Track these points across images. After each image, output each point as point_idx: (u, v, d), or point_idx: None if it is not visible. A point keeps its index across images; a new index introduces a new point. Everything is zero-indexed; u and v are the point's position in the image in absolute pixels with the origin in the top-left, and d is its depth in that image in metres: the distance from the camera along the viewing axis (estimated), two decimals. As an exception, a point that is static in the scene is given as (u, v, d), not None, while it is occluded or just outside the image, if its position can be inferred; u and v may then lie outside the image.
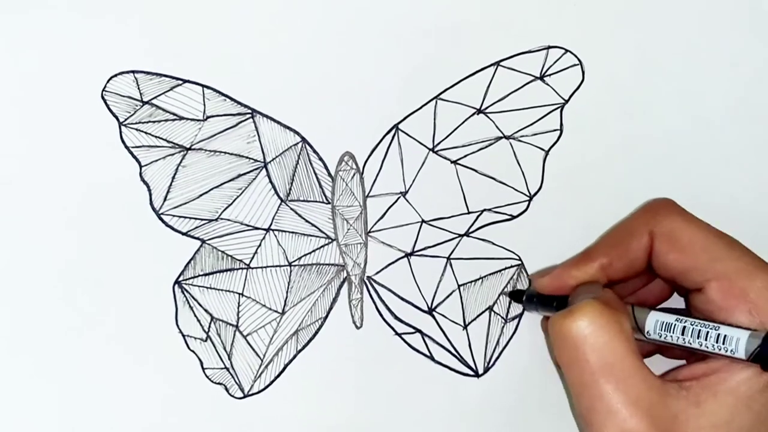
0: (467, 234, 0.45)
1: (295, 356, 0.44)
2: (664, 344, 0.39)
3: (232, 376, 0.44)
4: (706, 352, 0.38)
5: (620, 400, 0.36)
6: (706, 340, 0.38)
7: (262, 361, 0.44)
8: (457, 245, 0.45)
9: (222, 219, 0.44)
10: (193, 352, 0.43)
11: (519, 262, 0.45)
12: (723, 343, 0.37)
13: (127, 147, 0.43)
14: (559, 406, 0.45)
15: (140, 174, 0.43)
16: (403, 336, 0.45)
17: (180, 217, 0.43)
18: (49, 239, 0.42)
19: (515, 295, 0.45)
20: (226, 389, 0.44)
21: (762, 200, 0.46)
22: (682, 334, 0.38)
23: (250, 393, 0.44)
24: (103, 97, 0.42)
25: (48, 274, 0.42)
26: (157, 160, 0.43)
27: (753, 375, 0.37)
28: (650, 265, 0.41)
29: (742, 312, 0.37)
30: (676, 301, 0.44)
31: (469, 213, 0.45)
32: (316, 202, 0.45)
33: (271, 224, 0.44)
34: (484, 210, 0.45)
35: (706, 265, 0.39)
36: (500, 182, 0.45)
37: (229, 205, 0.44)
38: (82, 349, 0.43)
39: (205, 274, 0.44)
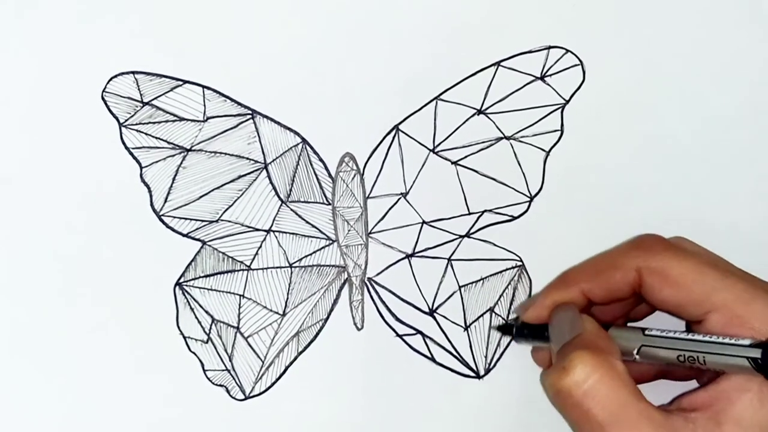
0: (468, 235, 0.45)
1: (296, 358, 0.44)
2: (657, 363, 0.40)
3: (233, 378, 0.44)
4: (706, 365, 0.38)
5: None
6: (701, 366, 0.38)
7: (263, 362, 0.44)
8: (457, 246, 0.45)
9: (222, 220, 0.44)
10: (194, 353, 0.43)
11: (520, 263, 0.45)
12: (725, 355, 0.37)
13: (127, 148, 0.43)
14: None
15: (141, 175, 0.43)
16: (404, 337, 0.45)
17: (180, 218, 0.43)
18: (49, 240, 0.42)
19: (505, 329, 0.45)
20: (227, 391, 0.44)
21: (763, 200, 0.46)
22: (679, 361, 0.38)
23: (252, 395, 0.44)
24: (103, 98, 0.42)
25: (48, 275, 0.42)
26: (157, 162, 0.43)
27: (756, 400, 0.37)
28: (641, 297, 0.41)
29: (746, 340, 0.37)
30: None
31: (469, 214, 0.45)
32: (316, 203, 0.44)
33: (271, 225, 0.44)
34: (485, 211, 0.45)
35: (702, 298, 0.38)
36: (501, 183, 0.45)
37: (230, 207, 0.44)
38: (83, 350, 0.43)
39: (206, 276, 0.44)
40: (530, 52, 0.45)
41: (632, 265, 0.40)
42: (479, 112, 0.45)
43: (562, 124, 0.45)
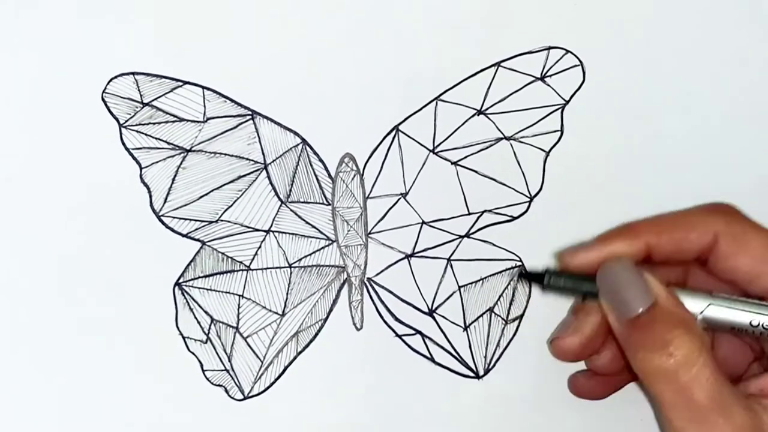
0: (468, 235, 0.45)
1: (295, 358, 0.44)
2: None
3: (232, 378, 0.44)
4: None
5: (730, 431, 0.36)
6: None
7: (262, 362, 0.44)
8: (457, 246, 0.45)
9: (222, 220, 0.44)
10: (193, 353, 0.43)
11: (520, 263, 0.45)
12: None
13: (127, 149, 0.43)
14: (560, 407, 0.45)
15: (140, 176, 0.43)
16: (403, 337, 0.45)
17: (180, 218, 0.43)
18: (49, 240, 0.42)
19: (534, 277, 0.41)
20: (226, 391, 0.44)
21: (763, 200, 0.46)
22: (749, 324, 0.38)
23: (250, 395, 0.44)
24: (103, 99, 0.42)
25: (48, 275, 0.42)
26: (157, 162, 0.43)
27: None
28: (706, 263, 0.40)
29: None
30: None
31: (469, 214, 0.45)
32: (316, 203, 0.44)
33: (271, 226, 0.44)
34: (485, 211, 0.45)
35: None
36: (501, 183, 0.45)
37: (230, 207, 0.44)
38: (82, 350, 0.43)
39: (206, 276, 0.44)
40: (530, 52, 0.45)
41: (711, 228, 0.39)
42: (479, 112, 0.45)
43: (562, 125, 0.45)
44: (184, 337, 0.43)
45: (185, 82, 0.43)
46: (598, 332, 0.41)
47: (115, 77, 0.42)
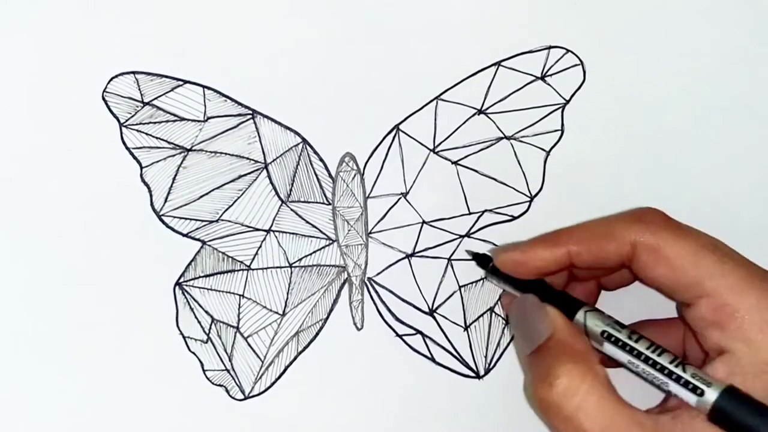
0: (468, 235, 0.45)
1: (295, 358, 0.44)
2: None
3: (233, 378, 0.44)
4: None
5: None
6: (658, 387, 0.37)
7: (262, 362, 0.44)
8: (458, 246, 0.45)
9: (223, 220, 0.44)
10: (193, 353, 0.43)
11: (520, 263, 0.45)
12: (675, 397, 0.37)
13: (127, 148, 0.43)
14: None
15: (141, 175, 0.43)
16: (403, 337, 0.45)
17: (181, 218, 0.43)
18: (49, 240, 0.42)
19: (480, 260, 0.43)
20: (227, 391, 0.44)
21: (763, 200, 0.46)
22: (636, 374, 0.38)
23: (251, 395, 0.44)
24: (104, 98, 0.42)
25: (48, 275, 0.42)
26: (157, 161, 0.43)
27: None
28: (632, 272, 0.40)
29: (731, 331, 0.36)
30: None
31: (470, 214, 0.45)
32: (316, 203, 0.44)
33: (271, 225, 0.44)
34: (485, 211, 0.45)
35: (695, 282, 0.37)
36: (501, 183, 0.45)
37: (230, 207, 0.44)
38: (83, 350, 0.43)
39: (206, 276, 0.44)
40: (530, 52, 0.45)
41: (628, 238, 0.38)
42: (479, 112, 0.45)
43: (562, 124, 0.45)
44: (184, 337, 0.43)
45: (186, 82, 0.43)
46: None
47: (116, 76, 0.43)
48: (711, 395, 0.36)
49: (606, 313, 0.39)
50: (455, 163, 0.45)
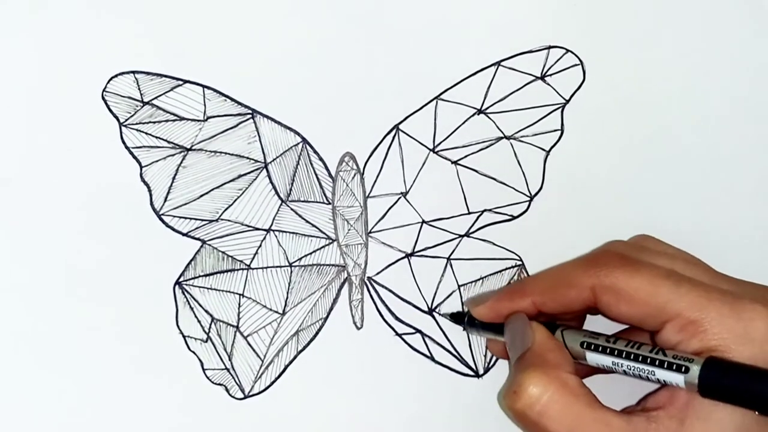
0: (468, 234, 0.45)
1: (295, 357, 0.44)
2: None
3: (233, 377, 0.44)
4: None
5: None
6: (647, 380, 0.38)
7: (262, 361, 0.44)
8: (457, 245, 0.45)
9: (222, 219, 0.44)
10: (193, 352, 0.43)
11: (519, 263, 0.45)
12: (663, 384, 0.37)
13: (127, 147, 0.43)
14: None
15: (141, 174, 0.43)
16: (403, 336, 0.45)
17: (180, 217, 0.43)
18: (49, 239, 0.42)
19: (456, 318, 0.44)
20: (227, 390, 0.44)
21: (763, 199, 0.46)
22: (624, 374, 0.38)
23: (251, 394, 0.44)
24: (103, 98, 0.42)
25: (48, 275, 0.42)
26: (157, 161, 0.43)
27: None
28: (598, 311, 0.41)
29: (697, 342, 0.37)
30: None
31: (469, 213, 0.45)
32: (316, 202, 0.44)
33: (271, 225, 0.44)
34: (485, 210, 0.45)
35: (657, 310, 0.38)
36: (501, 182, 0.45)
37: (230, 206, 0.44)
38: (82, 349, 0.43)
39: (206, 275, 0.44)
40: (530, 52, 0.45)
41: (586, 284, 0.39)
42: (479, 111, 0.45)
43: (562, 124, 0.45)
44: (184, 336, 0.43)
45: (185, 81, 0.43)
46: None
47: (116, 76, 0.42)
48: (695, 369, 0.36)
49: (582, 328, 0.41)
50: (455, 162, 0.45)
